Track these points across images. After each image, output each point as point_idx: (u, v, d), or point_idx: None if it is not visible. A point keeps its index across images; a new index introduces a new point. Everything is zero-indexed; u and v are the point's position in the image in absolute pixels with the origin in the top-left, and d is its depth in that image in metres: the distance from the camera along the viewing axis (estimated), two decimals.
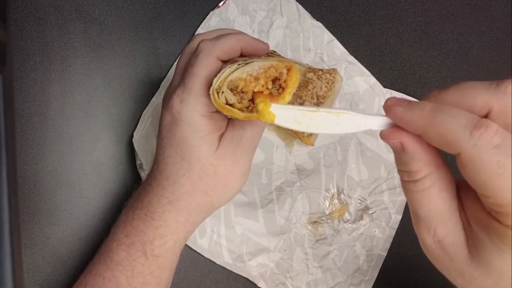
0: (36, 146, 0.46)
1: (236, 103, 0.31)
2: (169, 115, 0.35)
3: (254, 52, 0.35)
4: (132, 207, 0.37)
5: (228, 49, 0.34)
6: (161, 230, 0.36)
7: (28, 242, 0.45)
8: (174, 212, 0.36)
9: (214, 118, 0.35)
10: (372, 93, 0.53)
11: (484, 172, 0.22)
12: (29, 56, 0.47)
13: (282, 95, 0.30)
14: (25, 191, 0.45)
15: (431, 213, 0.26)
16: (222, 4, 0.52)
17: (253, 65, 0.30)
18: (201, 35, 0.37)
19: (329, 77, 0.50)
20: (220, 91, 0.31)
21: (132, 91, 0.50)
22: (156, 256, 0.36)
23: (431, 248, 0.26)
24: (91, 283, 0.36)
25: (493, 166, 0.22)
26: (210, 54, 0.34)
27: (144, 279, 0.36)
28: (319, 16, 0.54)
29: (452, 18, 0.57)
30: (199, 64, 0.33)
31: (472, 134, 0.23)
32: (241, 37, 0.35)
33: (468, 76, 0.57)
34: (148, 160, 0.48)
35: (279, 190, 0.50)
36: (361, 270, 0.50)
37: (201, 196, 0.36)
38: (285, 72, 0.30)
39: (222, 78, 0.31)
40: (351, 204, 0.52)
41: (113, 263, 0.36)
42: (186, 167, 0.35)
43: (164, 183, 0.36)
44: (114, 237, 0.37)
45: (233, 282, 0.49)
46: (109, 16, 0.50)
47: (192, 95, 0.33)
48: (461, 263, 0.26)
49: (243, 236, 0.49)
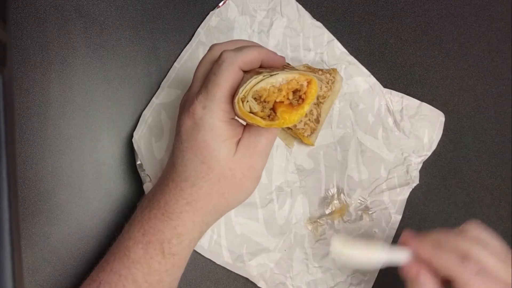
0: (36, 146, 0.46)
1: (259, 111, 0.33)
2: (190, 120, 0.36)
3: (272, 65, 0.37)
4: (148, 207, 0.38)
5: (250, 60, 0.36)
6: (178, 229, 0.37)
7: (28, 242, 0.45)
8: (191, 212, 0.37)
9: (232, 124, 0.37)
10: (372, 93, 0.53)
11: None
12: (29, 56, 0.47)
13: (302, 106, 0.33)
14: (25, 191, 0.45)
15: None
16: (222, 4, 0.52)
17: (277, 77, 0.33)
18: (219, 45, 0.39)
19: (329, 77, 0.50)
20: (245, 100, 0.33)
21: (132, 91, 0.50)
22: (173, 254, 0.37)
23: None
24: (106, 280, 0.37)
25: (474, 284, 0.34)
26: (233, 64, 0.35)
27: (160, 277, 0.37)
28: (319, 16, 0.54)
29: (452, 18, 0.57)
30: (223, 73, 0.35)
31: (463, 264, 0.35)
32: (262, 50, 0.37)
33: (468, 76, 0.57)
34: (148, 160, 0.48)
35: (279, 190, 0.50)
36: (361, 270, 0.50)
37: (218, 198, 0.37)
38: (306, 84, 0.33)
39: (247, 88, 0.33)
40: (351, 204, 0.52)
41: (130, 261, 0.37)
42: (206, 170, 0.36)
43: (182, 184, 0.37)
44: (130, 235, 0.38)
45: (233, 282, 0.49)
46: (109, 16, 0.50)
47: (214, 102, 0.35)
48: None
49: (243, 236, 0.49)
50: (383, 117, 0.53)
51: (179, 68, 0.50)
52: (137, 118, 0.49)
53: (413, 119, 0.53)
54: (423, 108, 0.54)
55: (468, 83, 0.57)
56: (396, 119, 0.53)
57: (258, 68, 0.37)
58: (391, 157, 0.53)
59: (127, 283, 0.37)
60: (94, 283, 0.38)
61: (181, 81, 0.50)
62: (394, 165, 0.52)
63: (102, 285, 0.37)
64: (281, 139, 0.51)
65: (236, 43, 0.39)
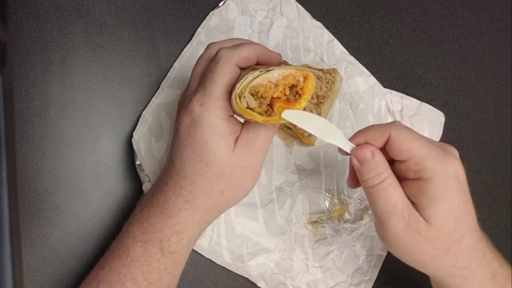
0: (36, 146, 0.46)
1: (256, 107, 0.33)
2: (188, 118, 0.36)
3: (268, 61, 0.38)
4: (147, 206, 0.38)
5: (246, 57, 0.36)
6: (178, 227, 0.37)
7: (28, 242, 0.45)
8: (190, 210, 0.37)
9: (230, 121, 0.37)
10: (372, 93, 0.53)
11: (404, 143, 0.36)
12: (29, 56, 0.47)
13: (299, 101, 0.34)
14: (25, 191, 0.45)
15: (398, 202, 0.36)
16: (222, 4, 0.52)
17: (274, 73, 0.33)
18: (216, 43, 0.39)
19: (329, 77, 0.50)
20: (242, 96, 0.33)
21: (132, 91, 0.50)
22: (172, 252, 0.37)
23: (403, 234, 0.36)
24: (105, 279, 0.37)
25: (409, 139, 0.36)
26: (229, 61, 0.35)
27: (159, 275, 0.37)
28: (319, 16, 0.54)
29: (452, 18, 0.57)
30: (219, 70, 0.35)
31: (392, 123, 0.37)
32: (258, 47, 0.37)
33: (468, 76, 0.57)
34: (147, 160, 0.48)
35: (279, 190, 0.50)
36: (361, 270, 0.51)
37: (217, 195, 0.38)
38: (302, 80, 0.33)
39: (244, 84, 0.33)
40: (351, 204, 0.52)
41: (129, 259, 0.37)
42: (205, 167, 0.36)
43: (181, 182, 0.37)
44: (129, 234, 0.38)
45: (233, 282, 0.49)
46: (109, 16, 0.50)
47: (212, 99, 0.35)
48: (424, 233, 0.35)
49: (243, 236, 0.49)
50: (383, 117, 0.53)
51: (179, 68, 0.50)
52: (137, 118, 0.49)
53: (413, 119, 0.53)
54: (423, 108, 0.54)
55: (468, 83, 0.57)
56: (396, 119, 0.53)
57: (255, 65, 0.37)
58: None
59: (126, 282, 0.37)
60: (94, 282, 0.38)
61: (181, 81, 0.50)
62: None
63: (101, 283, 0.37)
64: (281, 139, 0.51)
65: (232, 41, 0.39)
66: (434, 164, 0.35)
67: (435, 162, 0.35)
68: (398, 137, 0.36)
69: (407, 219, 0.36)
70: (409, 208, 0.36)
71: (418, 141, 0.36)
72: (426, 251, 0.36)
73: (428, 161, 0.35)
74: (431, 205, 0.35)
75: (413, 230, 0.36)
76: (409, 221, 0.36)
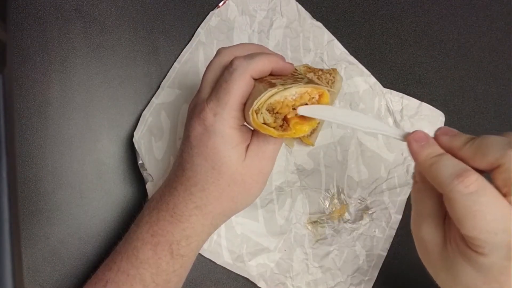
0: (36, 146, 0.46)
1: (272, 122, 0.34)
2: (200, 126, 0.36)
3: (281, 72, 0.38)
4: (156, 209, 0.39)
5: (261, 69, 0.36)
6: (187, 231, 0.38)
7: (28, 242, 0.45)
8: (201, 216, 0.38)
9: (242, 130, 0.37)
10: (372, 93, 0.53)
11: (458, 212, 0.28)
12: (29, 56, 0.47)
13: (314, 118, 0.35)
14: (25, 191, 0.45)
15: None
16: (222, 4, 0.52)
17: (291, 91, 0.34)
18: (228, 49, 0.39)
19: (329, 77, 0.50)
20: (259, 112, 0.34)
21: (132, 91, 0.50)
22: (181, 256, 0.38)
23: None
24: (113, 279, 0.38)
25: (465, 208, 0.28)
26: (244, 73, 0.35)
27: (167, 277, 0.38)
28: (319, 16, 0.54)
29: (452, 18, 0.57)
30: (234, 81, 0.35)
31: (453, 181, 0.28)
32: (273, 58, 0.37)
33: (468, 76, 0.57)
34: (148, 160, 0.48)
35: (279, 190, 0.50)
36: (361, 270, 0.51)
37: (227, 202, 0.38)
38: (317, 97, 0.35)
39: (262, 100, 0.34)
40: (351, 204, 0.52)
41: (138, 261, 0.37)
42: (216, 175, 0.37)
43: (192, 189, 0.38)
44: (138, 236, 0.38)
45: (233, 282, 0.49)
46: (109, 16, 0.50)
47: (226, 110, 0.35)
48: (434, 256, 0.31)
49: (243, 236, 0.49)
50: (383, 117, 0.53)
51: (179, 68, 0.50)
52: (137, 118, 0.49)
53: (413, 119, 0.53)
54: (423, 108, 0.54)
55: (468, 83, 0.57)
56: (396, 119, 0.53)
57: (269, 76, 0.37)
58: (391, 157, 0.53)
59: (135, 283, 0.37)
60: (101, 282, 0.38)
61: (181, 81, 0.50)
62: (394, 165, 0.52)
63: (109, 283, 0.38)
64: None
65: (244, 47, 0.39)
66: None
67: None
68: None
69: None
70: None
71: None
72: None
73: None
74: (466, 271, 0.29)
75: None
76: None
